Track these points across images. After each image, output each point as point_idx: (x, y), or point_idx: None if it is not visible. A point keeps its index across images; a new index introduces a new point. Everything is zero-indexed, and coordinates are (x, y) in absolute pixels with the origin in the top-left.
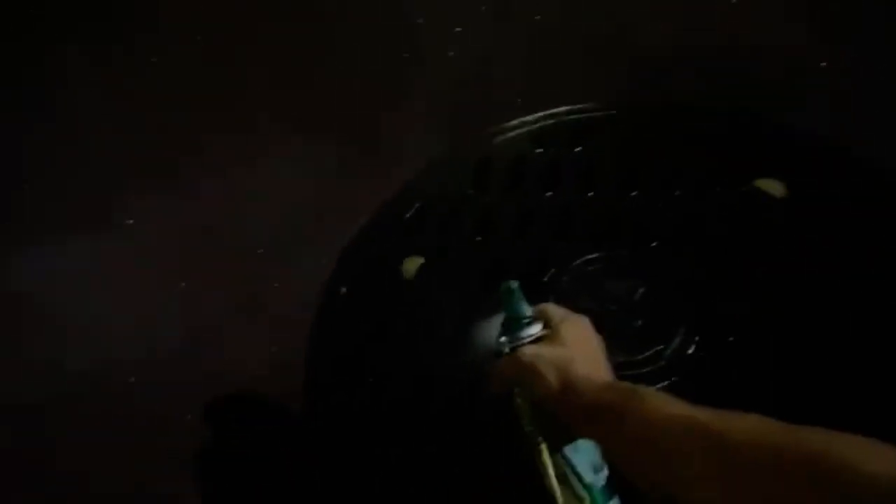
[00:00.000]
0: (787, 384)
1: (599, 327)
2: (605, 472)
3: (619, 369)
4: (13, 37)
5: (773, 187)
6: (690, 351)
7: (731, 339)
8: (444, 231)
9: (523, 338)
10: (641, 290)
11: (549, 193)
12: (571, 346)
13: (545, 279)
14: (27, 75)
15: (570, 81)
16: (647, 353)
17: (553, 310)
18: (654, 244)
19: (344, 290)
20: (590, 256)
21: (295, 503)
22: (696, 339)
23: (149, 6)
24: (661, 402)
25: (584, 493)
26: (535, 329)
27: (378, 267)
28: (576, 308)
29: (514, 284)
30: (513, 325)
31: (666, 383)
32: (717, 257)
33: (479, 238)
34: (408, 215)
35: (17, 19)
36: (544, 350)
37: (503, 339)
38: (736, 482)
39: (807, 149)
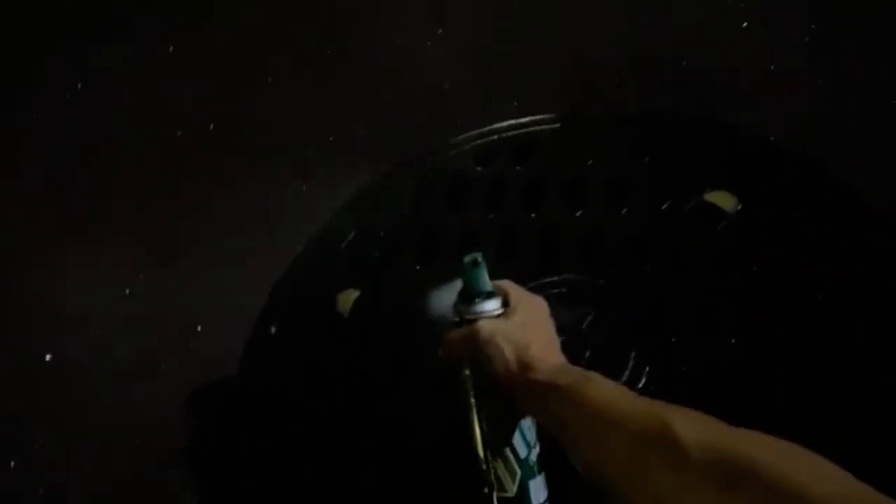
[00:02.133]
0: (742, 415)
1: None
2: (538, 450)
3: None
4: None
5: (724, 201)
6: (641, 384)
7: (683, 368)
8: (382, 260)
9: (483, 312)
10: (590, 318)
11: (492, 216)
12: (529, 328)
13: None
14: None
15: (510, 94)
16: None
17: (513, 288)
18: (601, 267)
19: (274, 329)
20: (536, 282)
21: None
22: (647, 369)
23: None
24: (613, 389)
25: (515, 467)
26: (495, 304)
27: (311, 302)
28: None
29: (479, 257)
30: (473, 298)
31: None
32: (667, 280)
33: (419, 266)
34: (342, 245)
35: None
36: (504, 328)
37: (462, 308)
38: (685, 481)
39: (758, 156)
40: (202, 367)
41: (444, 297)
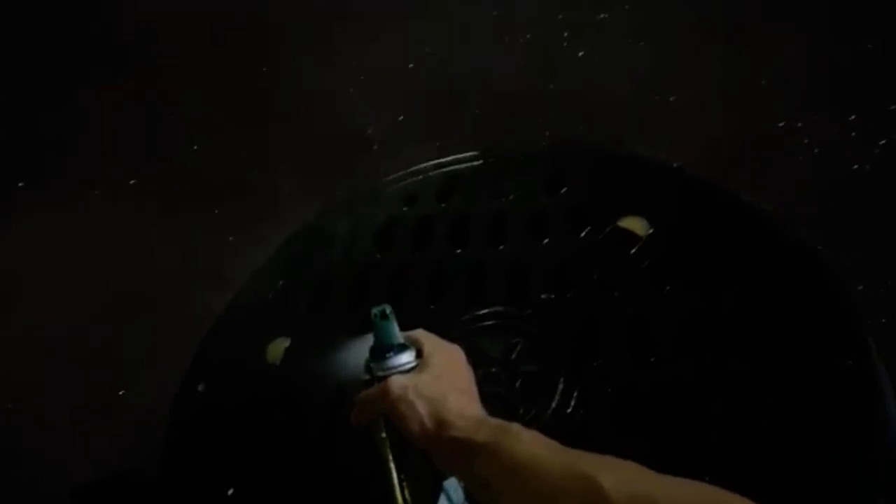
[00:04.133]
0: (666, 431)
1: (481, 392)
2: None
3: None
4: None
5: (636, 226)
6: (570, 409)
7: (609, 390)
8: (311, 306)
9: (395, 367)
10: (519, 347)
11: (420, 254)
12: (444, 379)
13: None
14: None
15: (435, 134)
16: (529, 416)
17: (425, 338)
18: (528, 297)
19: (202, 387)
20: (465, 316)
21: None
22: (575, 394)
23: None
24: (535, 443)
25: None
26: (407, 358)
27: (240, 356)
28: None
29: (388, 309)
30: (383, 353)
31: None
32: (589, 305)
33: (349, 309)
34: (271, 295)
35: None
36: (417, 382)
37: (373, 366)
38: None
39: (666, 182)
40: (127, 431)
41: (357, 354)
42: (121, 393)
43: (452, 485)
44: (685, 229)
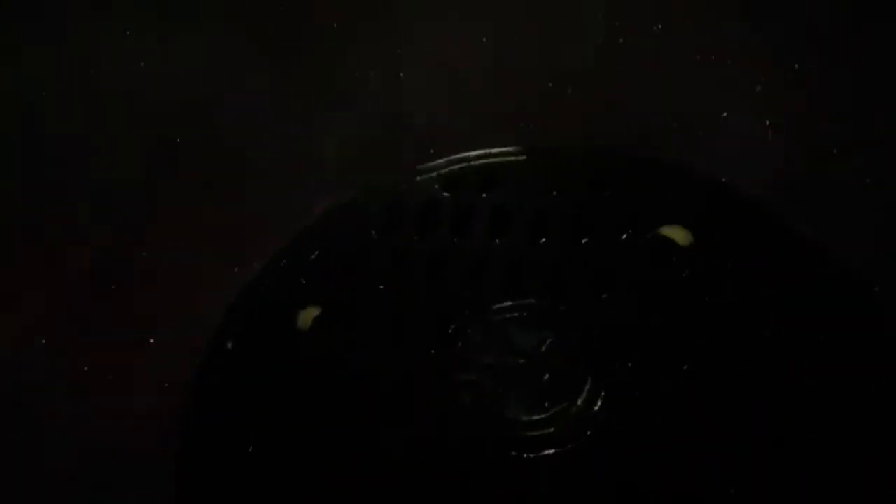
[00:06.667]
0: (692, 443)
1: (507, 383)
2: None
3: (525, 429)
4: None
5: (678, 235)
6: (596, 408)
7: (636, 393)
8: (344, 280)
9: None
10: (549, 342)
11: (457, 240)
12: None
13: (450, 330)
14: None
15: (481, 125)
16: (553, 412)
17: None
18: (562, 294)
19: (230, 344)
20: (498, 306)
21: None
22: (602, 394)
23: None
24: None
25: None
26: None
27: (270, 319)
28: (481, 362)
29: None
30: None
31: (570, 446)
32: (624, 307)
33: (382, 286)
34: (304, 264)
35: None
36: None
37: None
38: None
39: (712, 196)
40: (148, 387)
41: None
42: (151, 341)
43: None
44: (728, 246)
